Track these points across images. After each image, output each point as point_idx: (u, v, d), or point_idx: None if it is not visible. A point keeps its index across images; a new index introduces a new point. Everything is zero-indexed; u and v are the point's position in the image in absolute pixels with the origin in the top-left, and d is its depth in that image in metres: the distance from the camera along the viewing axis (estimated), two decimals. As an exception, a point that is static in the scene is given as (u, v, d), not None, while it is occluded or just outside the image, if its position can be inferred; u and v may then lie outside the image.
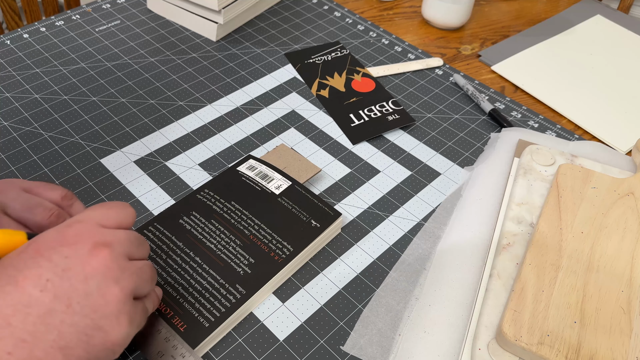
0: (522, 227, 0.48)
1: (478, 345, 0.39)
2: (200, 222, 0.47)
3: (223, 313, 0.41)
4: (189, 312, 0.41)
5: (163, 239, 0.46)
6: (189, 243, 0.45)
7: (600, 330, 0.39)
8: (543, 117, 0.63)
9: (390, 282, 0.46)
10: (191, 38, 0.72)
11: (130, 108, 0.61)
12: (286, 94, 0.65)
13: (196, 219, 0.47)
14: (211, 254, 0.45)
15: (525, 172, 0.52)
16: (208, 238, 0.46)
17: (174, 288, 0.43)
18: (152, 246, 0.45)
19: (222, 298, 0.42)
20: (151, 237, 0.46)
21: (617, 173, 0.53)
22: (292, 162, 0.53)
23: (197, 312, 0.41)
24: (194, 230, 0.46)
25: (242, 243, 0.46)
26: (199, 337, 0.40)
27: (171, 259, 0.45)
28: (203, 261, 0.44)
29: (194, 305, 0.41)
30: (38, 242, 0.32)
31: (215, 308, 0.41)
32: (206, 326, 0.40)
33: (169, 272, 0.44)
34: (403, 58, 0.71)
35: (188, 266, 0.44)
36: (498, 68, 0.71)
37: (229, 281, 0.43)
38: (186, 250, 0.45)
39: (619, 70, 0.71)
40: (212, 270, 0.44)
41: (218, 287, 0.43)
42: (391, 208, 0.52)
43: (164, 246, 0.45)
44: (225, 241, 0.46)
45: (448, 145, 0.59)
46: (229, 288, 0.43)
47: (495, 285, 0.43)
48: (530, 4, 0.85)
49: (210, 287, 0.43)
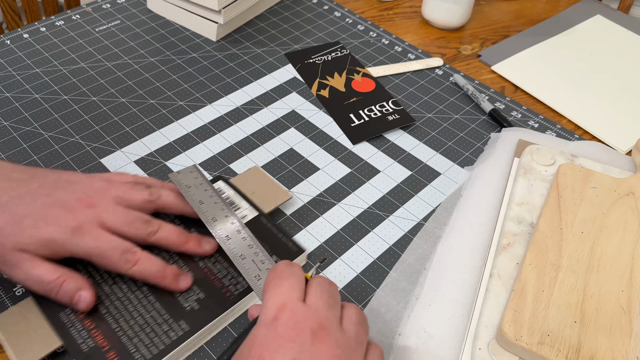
0: (522, 227, 0.48)
1: (478, 345, 0.39)
2: (156, 250, 0.44)
3: (161, 350, 0.39)
4: (125, 346, 0.39)
5: None
6: None
7: (600, 330, 0.39)
8: (543, 117, 0.63)
9: (390, 282, 0.46)
10: (191, 38, 0.72)
11: (130, 108, 0.61)
12: (286, 94, 0.65)
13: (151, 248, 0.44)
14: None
15: (526, 172, 0.52)
16: None
17: (115, 319, 0.40)
18: (100, 271, 0.43)
19: (163, 334, 0.39)
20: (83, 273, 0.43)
21: (617, 173, 0.53)
22: (263, 186, 0.51)
23: (134, 347, 0.39)
24: None
25: (195, 276, 0.43)
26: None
27: (117, 285, 0.42)
28: (150, 292, 0.42)
29: (132, 340, 0.39)
30: (256, 346, 0.31)
31: (154, 344, 0.39)
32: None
33: (113, 300, 0.41)
34: (403, 58, 0.71)
35: (134, 295, 0.42)
36: (498, 68, 0.71)
37: (173, 316, 0.41)
38: (134, 280, 0.42)
39: (619, 70, 0.71)
40: (158, 302, 0.41)
41: (161, 321, 0.40)
42: (391, 208, 0.52)
43: (113, 273, 0.43)
44: None
45: (448, 145, 0.59)
46: (172, 324, 0.40)
47: (495, 285, 0.43)
48: (530, 4, 0.85)
49: (153, 321, 0.40)
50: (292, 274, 0.36)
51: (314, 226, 0.50)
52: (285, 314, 0.33)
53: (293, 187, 0.54)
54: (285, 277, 0.35)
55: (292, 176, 0.55)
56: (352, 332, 0.34)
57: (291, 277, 0.35)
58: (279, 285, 0.35)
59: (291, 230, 0.50)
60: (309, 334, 0.31)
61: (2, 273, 0.42)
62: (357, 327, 0.34)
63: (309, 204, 0.52)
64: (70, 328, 0.40)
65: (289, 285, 0.35)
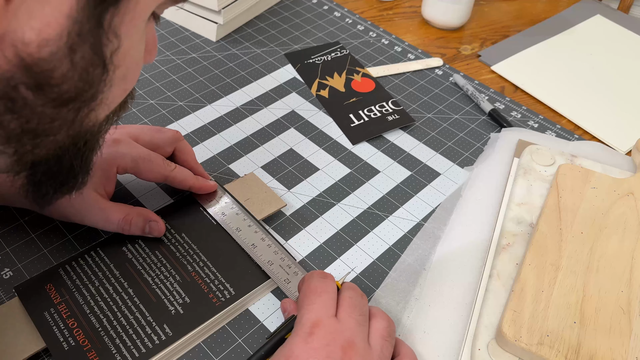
0: (522, 227, 0.48)
1: (478, 345, 0.39)
2: (144, 251, 0.45)
3: (143, 354, 0.38)
4: (108, 347, 0.39)
5: (101, 266, 0.44)
6: (126, 273, 0.43)
7: (600, 330, 0.39)
8: (543, 117, 0.63)
9: (390, 282, 0.46)
10: (191, 38, 0.72)
11: (130, 108, 0.61)
12: (286, 94, 0.65)
13: (140, 248, 0.45)
14: (146, 288, 0.42)
15: (525, 172, 0.52)
16: (147, 270, 0.44)
17: (98, 319, 0.40)
18: (87, 272, 0.43)
19: (146, 337, 0.39)
20: (90, 262, 0.44)
21: (617, 173, 0.53)
22: (258, 193, 0.51)
23: (115, 349, 0.39)
24: (134, 260, 0.44)
25: (182, 280, 0.43)
26: None
27: (103, 287, 0.42)
28: (135, 294, 0.42)
29: (114, 341, 0.39)
30: (293, 358, 0.35)
31: (135, 347, 0.39)
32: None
33: (97, 300, 0.41)
34: (403, 58, 0.71)
35: (119, 297, 0.42)
36: (498, 68, 0.71)
37: (157, 320, 0.40)
38: (121, 280, 0.43)
39: (619, 70, 0.70)
40: (142, 305, 0.41)
41: (144, 324, 0.40)
42: (391, 208, 0.52)
43: (100, 273, 0.43)
44: (165, 275, 0.43)
45: (448, 146, 0.59)
46: (155, 327, 0.40)
47: (495, 285, 0.43)
48: (530, 4, 0.85)
49: (136, 323, 0.40)
50: (326, 290, 0.39)
51: (314, 226, 0.50)
52: (320, 330, 0.36)
53: (293, 187, 0.54)
54: (319, 293, 0.38)
55: (292, 176, 0.55)
56: (377, 347, 0.37)
57: (324, 293, 0.38)
58: (313, 302, 0.38)
59: (291, 231, 0.50)
60: (340, 350, 0.35)
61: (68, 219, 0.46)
62: (382, 341, 0.37)
63: (308, 204, 0.52)
64: (54, 327, 0.40)
65: (322, 302, 0.38)
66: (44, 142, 0.27)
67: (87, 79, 0.26)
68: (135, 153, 0.46)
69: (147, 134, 0.49)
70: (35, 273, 0.44)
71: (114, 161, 0.45)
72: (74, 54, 0.24)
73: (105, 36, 0.25)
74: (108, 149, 0.45)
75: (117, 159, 0.46)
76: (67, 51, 0.24)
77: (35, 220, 0.48)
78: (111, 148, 0.45)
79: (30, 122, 0.25)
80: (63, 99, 0.25)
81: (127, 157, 0.46)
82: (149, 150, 0.47)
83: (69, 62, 0.24)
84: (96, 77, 0.26)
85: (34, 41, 0.23)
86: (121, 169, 0.46)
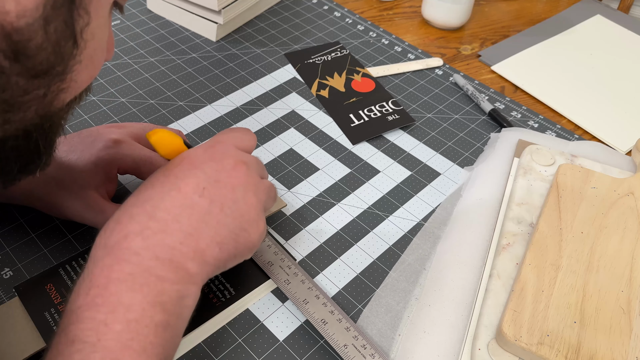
0: (522, 227, 0.48)
1: (478, 345, 0.39)
2: None
3: None
4: None
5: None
6: None
7: (600, 330, 0.39)
8: (543, 117, 0.63)
9: (390, 282, 0.46)
10: (191, 38, 0.72)
11: (130, 108, 0.61)
12: (286, 94, 0.65)
13: None
14: None
15: (525, 172, 0.52)
16: None
17: None
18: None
19: None
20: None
21: (617, 173, 0.53)
22: None
23: None
24: None
25: None
26: None
27: None
28: None
29: None
30: (191, 157, 0.38)
31: None
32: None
33: None
34: (403, 58, 0.71)
35: None
36: (498, 68, 0.71)
37: None
38: None
39: (619, 70, 0.70)
40: None
41: None
42: (391, 208, 0.52)
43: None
44: None
45: (448, 145, 0.59)
46: None
47: (495, 285, 0.43)
48: (530, 4, 0.85)
49: None
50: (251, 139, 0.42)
51: (314, 226, 0.50)
52: (221, 145, 0.39)
53: (293, 187, 0.54)
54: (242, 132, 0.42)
55: (292, 176, 0.55)
56: (265, 185, 0.40)
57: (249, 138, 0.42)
58: (230, 132, 0.41)
59: (291, 231, 0.50)
60: (233, 162, 0.38)
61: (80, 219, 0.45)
62: (269, 190, 0.41)
63: (308, 204, 0.52)
64: (54, 326, 0.40)
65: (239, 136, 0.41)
66: (15, 118, 0.28)
67: (59, 51, 0.27)
68: (137, 154, 0.46)
69: None
70: (35, 273, 0.44)
71: (115, 162, 0.45)
72: (48, 26, 0.26)
73: (77, 11, 0.27)
74: (109, 149, 0.45)
75: (118, 159, 0.46)
76: (42, 22, 0.26)
77: (35, 220, 0.48)
78: (112, 149, 0.45)
79: (4, 92, 0.26)
80: (37, 70, 0.27)
81: (128, 158, 0.46)
82: (150, 151, 0.47)
83: (43, 34, 0.26)
84: (67, 50, 0.28)
85: (13, 10, 0.24)
86: (122, 170, 0.46)
